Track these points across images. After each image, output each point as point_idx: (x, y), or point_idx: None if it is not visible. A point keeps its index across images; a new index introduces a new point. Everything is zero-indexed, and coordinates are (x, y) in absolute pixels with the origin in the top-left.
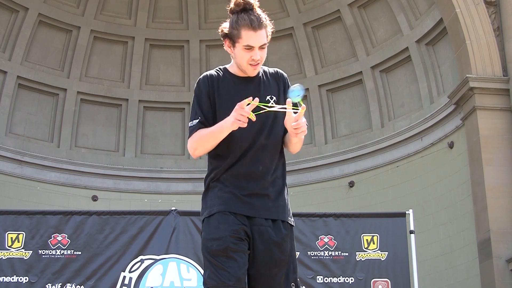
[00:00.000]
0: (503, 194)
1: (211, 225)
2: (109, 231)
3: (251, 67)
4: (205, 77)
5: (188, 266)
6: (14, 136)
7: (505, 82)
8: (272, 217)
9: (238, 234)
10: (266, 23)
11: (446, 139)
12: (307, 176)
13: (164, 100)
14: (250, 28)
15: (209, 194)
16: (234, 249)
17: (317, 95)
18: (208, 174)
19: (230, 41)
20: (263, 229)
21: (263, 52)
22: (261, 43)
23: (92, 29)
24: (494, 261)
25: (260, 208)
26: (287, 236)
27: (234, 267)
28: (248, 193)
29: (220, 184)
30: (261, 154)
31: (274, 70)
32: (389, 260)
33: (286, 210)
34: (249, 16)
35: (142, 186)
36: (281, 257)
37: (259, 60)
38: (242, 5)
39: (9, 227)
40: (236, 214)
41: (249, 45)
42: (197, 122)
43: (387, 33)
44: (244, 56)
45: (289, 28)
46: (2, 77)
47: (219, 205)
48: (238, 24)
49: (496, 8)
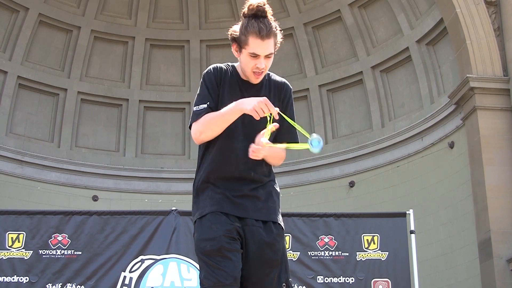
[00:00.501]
0: (504, 194)
1: (203, 226)
2: (109, 231)
3: (254, 75)
4: (216, 67)
5: (189, 266)
6: (15, 136)
7: (506, 82)
8: (262, 218)
9: (231, 234)
10: (275, 32)
11: (446, 139)
12: (308, 176)
13: (165, 100)
14: (258, 36)
15: (200, 196)
16: (228, 248)
17: (317, 95)
18: (197, 175)
19: (237, 45)
20: (254, 229)
21: (268, 61)
22: (267, 52)
23: (92, 29)
24: (495, 261)
25: (250, 209)
26: (278, 236)
27: (230, 266)
28: (239, 195)
29: (211, 185)
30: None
31: (281, 80)
32: (389, 260)
33: (277, 212)
34: (258, 24)
35: (142, 186)
36: (273, 257)
37: (263, 69)
38: (254, 11)
39: (10, 227)
40: (228, 214)
41: (255, 53)
42: (206, 106)
43: (387, 33)
44: (249, 63)
45: (289, 28)
46: (2, 77)
47: (211, 206)
48: (247, 31)
49: (497, 8)
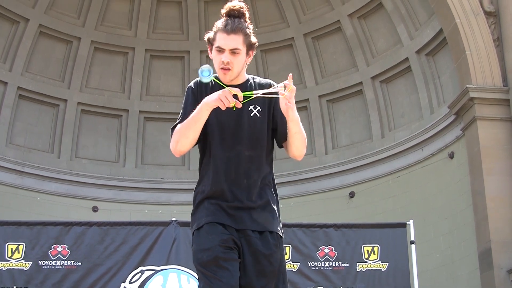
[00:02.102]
0: (504, 204)
1: (200, 237)
2: (109, 242)
3: (222, 71)
4: (195, 82)
5: (189, 277)
6: (15, 147)
7: (505, 92)
8: (258, 229)
9: (227, 243)
10: (245, 31)
11: (446, 149)
12: (308, 186)
13: (165, 110)
14: (223, 31)
15: (198, 208)
16: (224, 258)
17: (317, 105)
18: (196, 187)
19: (210, 45)
20: (251, 240)
21: (235, 58)
22: (232, 46)
23: (92, 39)
24: (495, 272)
25: (246, 220)
26: (275, 246)
27: (227, 276)
28: (234, 206)
29: (206, 197)
30: (246, 166)
31: (266, 81)
32: (389, 270)
33: (275, 221)
34: (226, 20)
35: (142, 196)
36: (270, 268)
37: (228, 65)
38: (228, 10)
39: (9, 238)
40: (224, 225)
41: (220, 46)
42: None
43: (387, 43)
44: (216, 58)
45: (289, 38)
46: (2, 88)
47: (206, 216)
48: (216, 27)
49: (496, 18)
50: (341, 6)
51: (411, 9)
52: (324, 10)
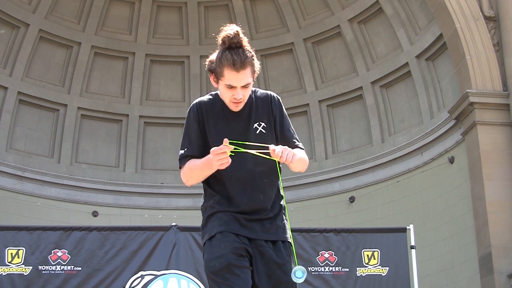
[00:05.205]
0: (504, 209)
1: (212, 246)
2: (109, 247)
3: (233, 104)
4: (196, 104)
5: (189, 282)
6: (15, 152)
7: (505, 97)
8: (272, 238)
9: (239, 251)
10: (251, 62)
11: (446, 154)
12: (308, 191)
13: (165, 115)
14: (232, 69)
15: (209, 219)
16: (236, 265)
17: (317, 110)
18: (205, 201)
19: (214, 76)
20: (263, 250)
21: (246, 91)
22: (243, 83)
23: (92, 44)
24: (496, 277)
25: (259, 231)
26: (288, 256)
27: (239, 283)
28: (248, 218)
29: (219, 210)
30: (261, 182)
31: (265, 93)
32: (390, 275)
33: (286, 230)
34: (233, 56)
35: (142, 201)
36: (283, 278)
37: (241, 99)
38: (227, 44)
39: (9, 242)
40: (237, 234)
41: (231, 85)
42: (184, 153)
43: (387, 48)
44: (226, 93)
45: (289, 43)
46: (2, 93)
47: (219, 226)
48: (222, 63)
49: (496, 23)
50: (341, 11)
51: (411, 14)
52: (324, 15)
